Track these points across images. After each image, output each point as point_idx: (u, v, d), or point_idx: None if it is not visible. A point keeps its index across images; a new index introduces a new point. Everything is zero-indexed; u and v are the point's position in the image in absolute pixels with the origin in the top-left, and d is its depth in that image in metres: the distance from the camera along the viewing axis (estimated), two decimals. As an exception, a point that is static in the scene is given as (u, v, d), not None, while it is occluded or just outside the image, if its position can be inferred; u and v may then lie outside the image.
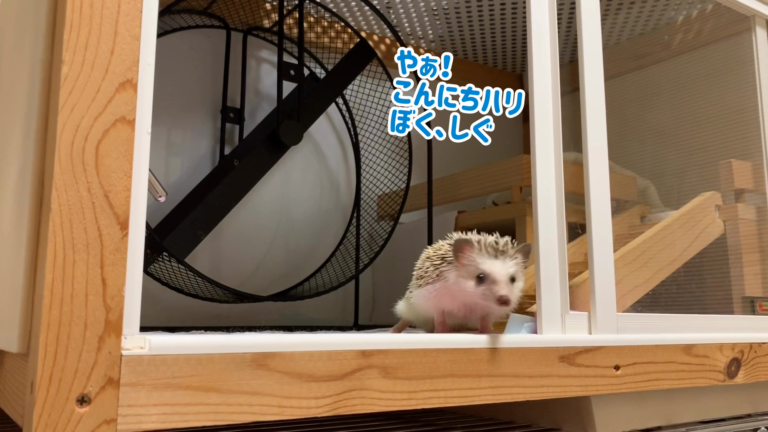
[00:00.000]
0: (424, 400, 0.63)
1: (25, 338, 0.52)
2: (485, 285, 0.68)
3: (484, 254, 0.69)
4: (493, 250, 0.69)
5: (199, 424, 0.52)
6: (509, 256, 0.69)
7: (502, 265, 0.69)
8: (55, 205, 0.48)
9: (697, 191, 1.12)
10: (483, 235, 0.73)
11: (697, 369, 0.85)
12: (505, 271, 0.68)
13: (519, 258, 0.70)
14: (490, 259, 0.69)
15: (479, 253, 0.69)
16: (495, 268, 0.68)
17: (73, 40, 0.50)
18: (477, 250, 0.69)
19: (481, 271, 0.68)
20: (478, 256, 0.69)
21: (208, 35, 1.36)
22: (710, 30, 1.40)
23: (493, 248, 0.69)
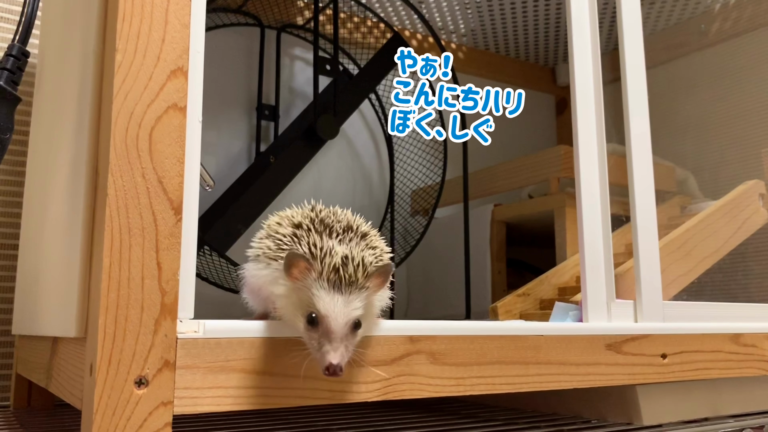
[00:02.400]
0: (472, 386, 0.63)
1: (82, 322, 0.52)
2: (315, 332, 0.50)
3: (324, 282, 0.50)
4: (338, 278, 0.50)
5: (251, 407, 0.52)
6: (358, 288, 0.50)
7: (344, 305, 0.50)
8: (111, 190, 0.49)
9: (739, 181, 1.10)
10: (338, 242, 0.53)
11: (745, 358, 0.83)
12: (347, 317, 0.49)
13: (371, 286, 0.52)
14: (330, 293, 0.50)
15: (317, 279, 0.50)
16: (333, 311, 0.49)
17: (126, 29, 0.51)
18: (316, 273, 0.50)
19: (315, 310, 0.50)
20: (316, 284, 0.50)
21: (242, 33, 1.37)
22: (749, 18, 1.37)
23: (338, 275, 0.50)
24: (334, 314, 0.49)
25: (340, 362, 0.48)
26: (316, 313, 0.50)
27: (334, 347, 0.49)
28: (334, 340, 0.49)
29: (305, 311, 0.50)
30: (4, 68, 0.60)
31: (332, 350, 0.49)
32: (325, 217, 0.56)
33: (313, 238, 0.53)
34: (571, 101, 0.81)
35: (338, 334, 0.49)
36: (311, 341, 0.50)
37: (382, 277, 0.52)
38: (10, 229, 1.09)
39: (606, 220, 0.78)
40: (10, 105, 0.59)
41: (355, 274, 0.50)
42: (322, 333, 0.49)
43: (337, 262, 0.50)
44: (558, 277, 1.05)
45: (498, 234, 1.29)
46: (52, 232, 0.69)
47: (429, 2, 1.44)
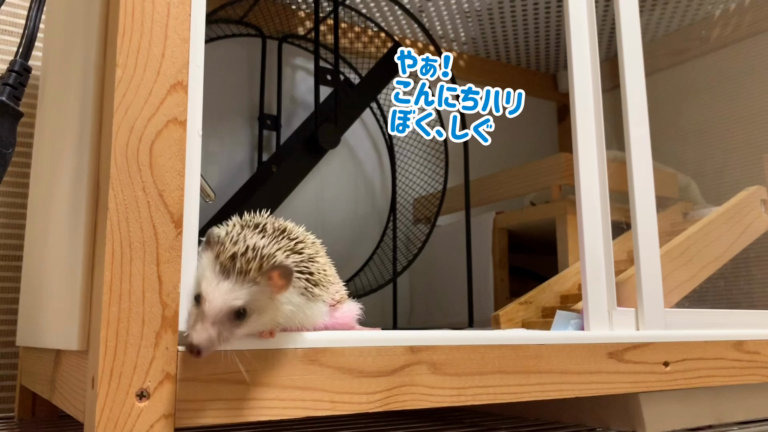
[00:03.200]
0: (473, 396, 0.63)
1: (84, 336, 0.53)
2: (196, 311, 0.50)
3: (217, 265, 0.50)
4: (230, 264, 0.50)
5: (253, 418, 0.52)
6: (248, 280, 0.50)
7: (226, 291, 0.49)
8: (112, 204, 0.49)
9: (741, 187, 1.10)
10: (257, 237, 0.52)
11: (748, 366, 0.83)
12: (224, 303, 0.49)
13: (268, 284, 0.51)
14: (219, 277, 0.50)
15: (214, 260, 0.50)
16: (212, 293, 0.49)
17: (126, 44, 0.52)
18: (214, 254, 0.51)
19: (200, 288, 0.50)
20: (211, 264, 0.50)
21: (243, 44, 1.38)
22: (749, 23, 1.37)
23: (232, 261, 0.50)
24: (213, 297, 0.49)
25: (199, 343, 0.48)
26: (199, 292, 0.50)
27: (201, 327, 0.48)
28: (205, 321, 0.48)
29: (196, 289, 0.51)
30: (6, 84, 0.60)
31: (200, 330, 0.48)
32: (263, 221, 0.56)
33: (237, 230, 0.53)
34: (570, 109, 0.81)
35: (210, 318, 0.49)
36: (189, 318, 0.50)
37: (283, 277, 0.51)
38: (14, 240, 1.09)
39: (606, 228, 0.78)
40: (12, 120, 0.60)
41: (247, 265, 0.50)
42: (199, 312, 0.49)
43: (238, 250, 0.50)
44: (560, 284, 1.05)
45: (500, 241, 1.29)
46: (54, 244, 0.70)
47: (429, 11, 1.44)
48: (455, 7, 1.43)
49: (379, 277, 1.32)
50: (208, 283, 0.50)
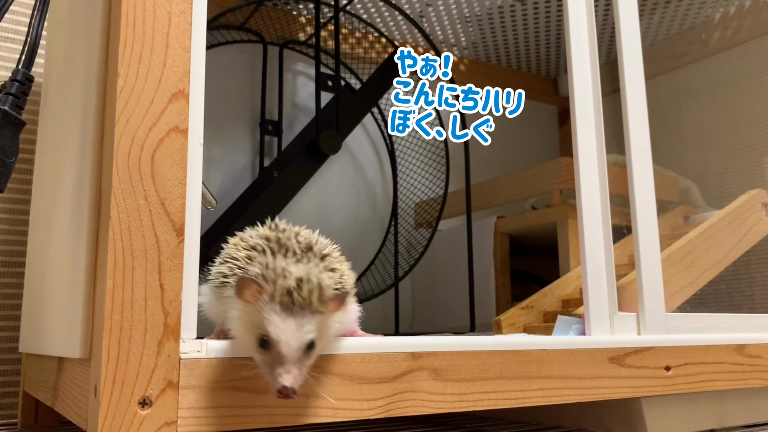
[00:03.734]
0: (474, 402, 0.63)
1: (87, 344, 0.53)
2: (268, 356, 0.49)
3: (276, 305, 0.49)
4: (290, 300, 0.49)
5: (255, 426, 0.53)
6: (312, 312, 0.49)
7: (296, 328, 0.48)
8: (114, 213, 0.49)
9: (742, 190, 1.10)
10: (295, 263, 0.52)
11: (750, 369, 0.83)
12: (299, 341, 0.48)
13: (327, 311, 0.51)
14: (283, 316, 0.48)
15: (269, 301, 0.49)
16: (285, 334, 0.48)
17: (128, 53, 0.52)
18: (268, 295, 0.49)
19: (267, 333, 0.49)
20: (267, 306, 0.49)
21: (245, 50, 1.38)
22: (749, 26, 1.37)
23: (291, 297, 0.49)
24: (286, 338, 0.48)
25: (292, 385, 0.47)
26: (267, 337, 0.49)
27: (287, 370, 0.48)
28: (286, 363, 0.48)
29: (257, 334, 0.49)
30: (8, 93, 0.61)
31: (284, 373, 0.48)
32: (284, 237, 0.55)
33: (267, 259, 0.52)
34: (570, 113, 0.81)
35: (290, 358, 0.48)
36: (264, 364, 0.49)
37: (339, 301, 0.51)
38: (17, 247, 1.10)
39: (607, 232, 0.78)
40: (14, 129, 0.60)
41: (310, 298, 0.49)
42: (274, 356, 0.48)
43: (291, 285, 0.49)
44: (562, 288, 1.05)
45: (501, 246, 1.30)
46: (56, 252, 0.70)
47: (430, 16, 1.45)
48: (455, 12, 1.43)
49: (381, 281, 1.32)
50: (275, 326, 0.48)
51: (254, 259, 0.53)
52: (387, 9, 1.40)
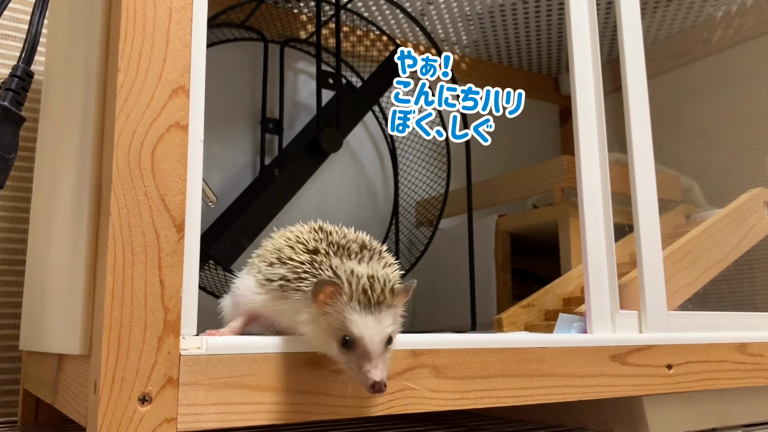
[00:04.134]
0: (476, 400, 0.63)
1: (86, 340, 0.53)
2: (353, 355, 0.50)
3: (355, 304, 0.51)
4: (367, 299, 0.51)
5: (255, 423, 0.52)
6: (387, 306, 0.52)
7: (377, 324, 0.50)
8: (114, 209, 0.49)
9: (743, 189, 1.10)
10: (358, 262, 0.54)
11: (752, 368, 0.83)
12: (381, 335, 0.51)
13: (399, 304, 0.53)
14: (363, 314, 0.50)
15: (348, 302, 0.51)
16: (368, 331, 0.50)
17: (128, 49, 0.52)
18: (346, 296, 0.51)
19: (349, 333, 0.50)
20: (347, 307, 0.51)
21: (245, 48, 1.38)
22: (751, 25, 1.37)
23: (367, 296, 0.51)
24: (369, 335, 0.50)
25: (382, 379, 0.49)
26: (350, 336, 0.50)
27: (374, 365, 0.50)
28: (373, 358, 0.50)
29: (337, 335, 0.51)
30: (8, 89, 0.60)
31: (373, 368, 0.49)
32: (337, 238, 0.57)
33: (333, 261, 0.54)
34: (572, 112, 0.81)
35: (376, 353, 0.50)
36: (349, 363, 0.51)
37: (406, 294, 0.54)
38: (18, 245, 1.09)
39: (609, 231, 0.78)
40: (14, 125, 0.60)
41: (383, 294, 0.51)
42: (359, 354, 0.50)
43: (365, 284, 0.51)
44: (563, 287, 1.05)
45: (502, 244, 1.29)
46: (56, 249, 0.70)
47: (431, 14, 1.44)
48: (457, 10, 1.43)
49: (382, 280, 1.32)
50: (357, 324, 0.50)
51: (320, 263, 0.54)
52: (388, 7, 1.40)
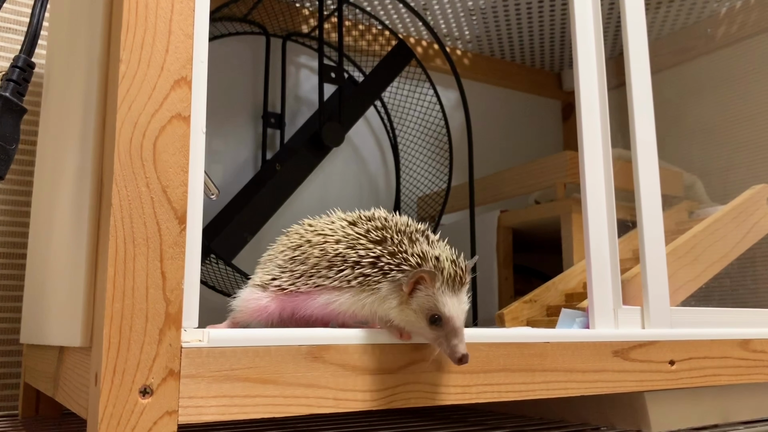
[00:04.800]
0: (478, 394, 0.63)
1: (87, 332, 0.53)
2: (441, 331, 0.55)
3: (445, 288, 0.56)
4: (452, 282, 0.56)
5: (257, 415, 0.52)
6: (463, 285, 0.57)
7: (460, 303, 0.56)
8: (116, 200, 0.49)
9: (746, 185, 1.10)
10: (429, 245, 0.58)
11: (755, 364, 0.83)
12: (464, 313, 0.56)
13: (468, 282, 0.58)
14: (450, 296, 0.56)
15: (441, 287, 0.56)
16: (456, 311, 0.55)
17: (130, 39, 0.51)
18: (438, 282, 0.56)
19: (439, 313, 0.55)
20: (438, 291, 0.56)
21: (248, 42, 1.38)
22: (755, 21, 1.37)
23: (453, 279, 0.56)
24: (457, 314, 0.55)
25: (467, 351, 0.54)
26: (440, 315, 0.55)
27: (460, 340, 0.55)
28: (460, 334, 0.55)
29: (427, 314, 0.55)
30: (9, 80, 0.60)
31: (460, 343, 0.55)
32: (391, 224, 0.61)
33: (414, 248, 0.58)
34: (576, 107, 0.81)
35: (461, 330, 0.55)
36: (438, 339, 0.55)
37: (471, 271, 0.59)
38: (19, 238, 1.09)
39: (612, 226, 0.77)
40: (15, 116, 0.60)
41: (463, 276, 0.57)
42: (448, 331, 0.55)
43: (450, 269, 0.56)
44: (565, 283, 1.04)
45: (504, 240, 1.29)
46: (58, 241, 0.70)
47: (434, 9, 1.44)
48: (460, 5, 1.42)
49: (383, 275, 1.32)
50: (448, 305, 0.55)
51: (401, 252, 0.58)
52: (390, 1, 1.40)
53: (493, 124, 1.68)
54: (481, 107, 1.64)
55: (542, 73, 1.76)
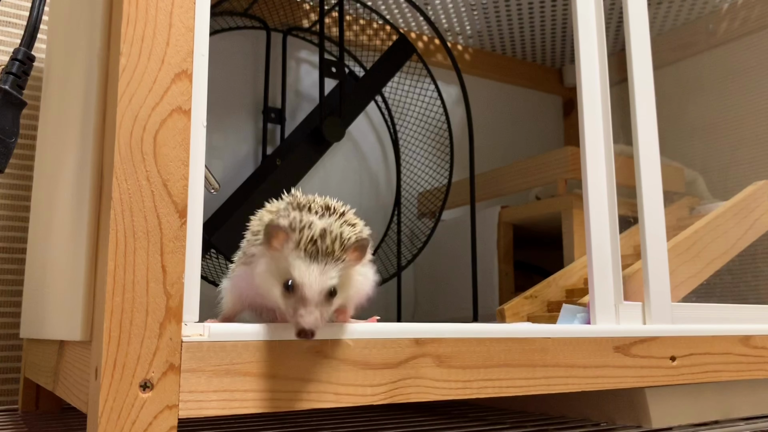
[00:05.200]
0: (479, 389, 0.63)
1: (88, 326, 0.52)
2: (292, 298, 0.51)
3: (301, 251, 0.51)
4: (314, 249, 0.52)
5: (257, 410, 0.52)
6: (334, 259, 0.52)
7: (319, 273, 0.51)
8: (116, 194, 0.49)
9: (748, 181, 1.10)
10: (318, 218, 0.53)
11: (756, 361, 0.83)
12: (321, 285, 0.51)
13: (349, 259, 0.53)
14: (306, 262, 0.51)
15: (295, 248, 0.52)
16: (307, 279, 0.51)
17: (130, 32, 0.51)
18: (293, 242, 0.52)
19: (291, 277, 0.51)
20: (293, 253, 0.52)
21: (248, 36, 1.37)
22: (757, 17, 1.36)
23: (315, 245, 0.52)
24: (309, 282, 0.51)
25: (312, 326, 0.50)
26: (292, 281, 0.51)
27: (308, 311, 0.50)
28: (308, 305, 0.51)
29: (283, 279, 0.52)
30: (9, 72, 0.60)
31: (306, 315, 0.50)
32: (303, 200, 0.57)
33: (293, 214, 0.54)
34: (577, 103, 0.80)
35: (312, 301, 0.51)
36: (287, 307, 0.52)
37: (360, 250, 0.54)
38: (19, 233, 1.09)
39: (614, 222, 0.77)
40: (15, 109, 0.60)
41: (332, 246, 0.52)
42: (297, 299, 0.51)
43: (315, 234, 0.52)
44: (566, 278, 1.04)
45: (505, 236, 1.29)
46: (58, 235, 0.70)
47: (435, 4, 1.44)
48: (461, 0, 1.42)
49: (384, 271, 1.32)
50: (301, 270, 0.51)
51: (280, 216, 0.54)
52: (392, -4, 1.39)
53: (494, 119, 1.67)
54: (482, 103, 1.64)
55: (543, 69, 1.76)
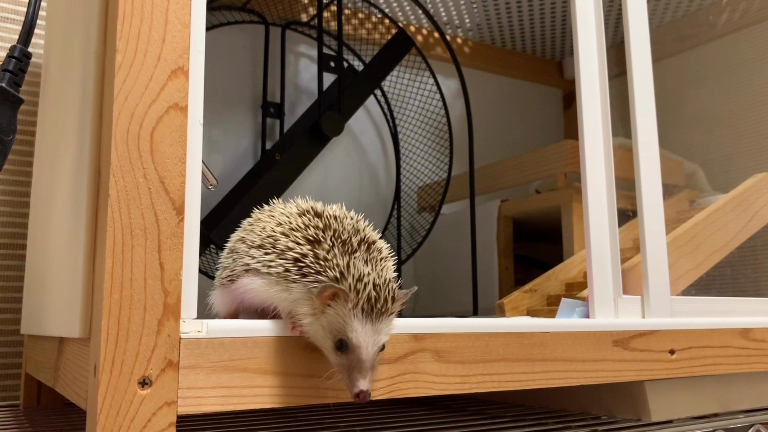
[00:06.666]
0: (478, 384, 0.63)
1: (86, 323, 0.53)
2: (344, 358, 0.50)
3: (358, 312, 0.50)
4: (369, 308, 0.50)
5: (256, 406, 0.52)
6: (387, 315, 0.51)
7: (374, 335, 0.50)
8: (113, 191, 0.49)
9: (748, 174, 1.09)
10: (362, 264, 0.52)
11: (755, 353, 0.83)
12: (376, 345, 0.50)
13: (396, 310, 0.52)
14: (363, 323, 0.50)
15: (352, 309, 0.50)
16: (365, 341, 0.50)
17: (126, 29, 0.51)
18: (351, 303, 0.50)
19: (346, 338, 0.50)
20: (350, 313, 0.50)
21: (246, 31, 1.37)
22: (757, 9, 1.36)
23: (370, 305, 0.50)
24: (366, 344, 0.50)
25: (368, 389, 0.49)
26: (347, 341, 0.50)
27: (364, 374, 0.49)
28: (364, 369, 0.50)
29: (334, 336, 0.50)
30: (5, 70, 0.60)
31: (361, 378, 0.49)
32: (334, 226, 0.55)
33: (337, 260, 0.52)
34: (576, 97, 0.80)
35: (368, 363, 0.50)
36: (340, 366, 0.51)
37: (404, 300, 0.53)
38: (18, 229, 1.09)
39: (612, 215, 0.77)
40: (12, 107, 0.59)
41: (386, 304, 0.51)
42: (352, 360, 0.50)
43: (370, 292, 0.50)
44: (565, 272, 1.04)
45: (505, 230, 1.29)
46: (56, 232, 0.70)
47: (434, -3, 1.43)
48: (460, -7, 1.41)
49: (384, 265, 1.32)
50: (357, 332, 0.50)
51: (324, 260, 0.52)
52: (390, -10, 1.39)
53: (493, 112, 1.67)
54: (482, 96, 1.63)
55: (543, 62, 1.76)
